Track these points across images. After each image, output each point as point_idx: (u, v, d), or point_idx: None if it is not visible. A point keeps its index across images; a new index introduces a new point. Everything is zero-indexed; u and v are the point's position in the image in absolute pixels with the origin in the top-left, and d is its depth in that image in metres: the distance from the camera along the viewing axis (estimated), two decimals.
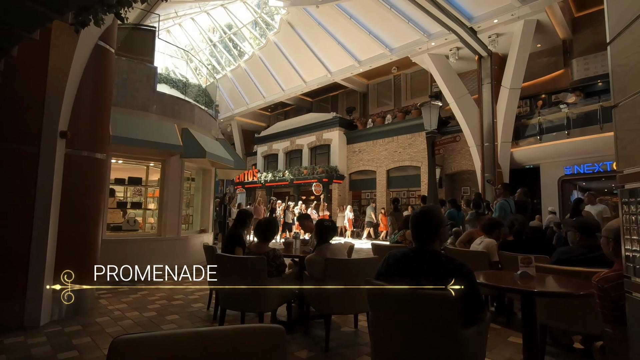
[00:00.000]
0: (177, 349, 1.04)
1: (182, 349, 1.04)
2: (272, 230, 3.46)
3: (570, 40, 12.56)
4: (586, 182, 12.25)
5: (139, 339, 1.03)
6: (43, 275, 3.60)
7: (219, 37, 20.86)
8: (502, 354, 2.94)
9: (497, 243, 3.93)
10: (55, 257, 3.80)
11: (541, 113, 11.77)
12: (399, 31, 13.28)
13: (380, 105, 18.14)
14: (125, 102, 6.05)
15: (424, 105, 8.83)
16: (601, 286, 1.68)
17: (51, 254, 3.73)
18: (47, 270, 3.66)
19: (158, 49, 7.41)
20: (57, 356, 2.82)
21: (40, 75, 3.66)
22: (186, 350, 1.04)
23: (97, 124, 4.35)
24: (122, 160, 6.70)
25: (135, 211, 7.10)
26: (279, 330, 1.16)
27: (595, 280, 1.73)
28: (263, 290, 3.14)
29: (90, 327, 3.54)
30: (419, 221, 1.91)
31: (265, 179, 19.55)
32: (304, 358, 2.86)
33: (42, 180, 3.64)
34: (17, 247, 3.50)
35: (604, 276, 1.70)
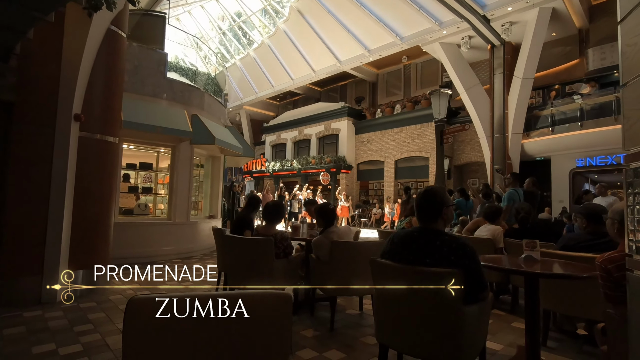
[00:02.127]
0: (189, 309, 1.10)
1: (192, 308, 1.10)
2: (279, 212, 3.53)
3: (586, 29, 12.23)
4: (598, 175, 12.05)
5: (153, 298, 1.09)
6: (59, 254, 3.74)
7: (229, 26, 20.80)
8: (505, 338, 2.98)
9: (502, 230, 3.94)
10: (70, 236, 3.93)
11: (554, 104, 11.56)
12: (409, 19, 13.09)
13: (390, 95, 17.98)
14: (136, 88, 6.13)
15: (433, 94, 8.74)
16: (605, 266, 1.70)
17: (66, 233, 3.86)
18: (63, 249, 3.80)
19: (168, 36, 7.45)
20: (74, 329, 2.94)
21: (55, 59, 3.74)
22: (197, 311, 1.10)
23: (109, 107, 4.44)
24: (133, 146, 6.81)
25: (146, 197, 7.25)
26: (286, 296, 1.21)
27: (599, 261, 1.75)
28: (270, 271, 3.21)
29: (104, 303, 3.68)
30: (422, 200, 1.94)
31: (273, 168, 19.65)
32: (309, 337, 2.93)
33: (57, 162, 3.75)
34: (35, 226, 3.62)
35: (608, 257, 1.72)
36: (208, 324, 1.11)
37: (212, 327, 1.11)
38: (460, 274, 1.68)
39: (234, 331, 1.14)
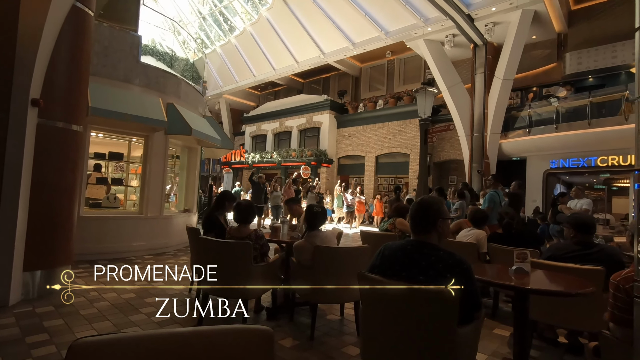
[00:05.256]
0: (150, 354, 0.90)
1: (155, 354, 0.90)
2: (253, 212, 3.33)
3: (565, 33, 12.50)
4: (569, 177, 12.47)
5: (104, 342, 0.88)
6: (12, 253, 3.40)
7: (209, 10, 19.99)
8: (488, 346, 2.93)
9: (486, 235, 3.91)
10: (27, 233, 3.58)
11: (531, 106, 11.80)
12: (395, 14, 12.96)
13: (373, 90, 17.88)
14: (106, 72, 5.69)
15: (418, 92, 8.66)
16: (622, 286, 1.61)
17: (21, 230, 3.51)
18: (17, 247, 3.45)
19: (143, 17, 6.96)
20: (25, 339, 2.65)
21: (10, 35, 3.34)
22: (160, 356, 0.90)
23: (73, 92, 4.04)
24: (102, 134, 6.36)
25: (116, 187, 6.83)
26: (266, 333, 1.03)
27: (616, 280, 1.66)
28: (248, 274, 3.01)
29: (64, 307, 3.37)
30: (416, 212, 1.80)
31: (252, 160, 19.24)
32: (288, 347, 2.77)
33: (10, 152, 3.38)
34: None
35: (625, 276, 1.64)
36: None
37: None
38: (457, 295, 1.55)
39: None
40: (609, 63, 11.40)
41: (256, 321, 3.33)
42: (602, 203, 11.74)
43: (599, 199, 11.83)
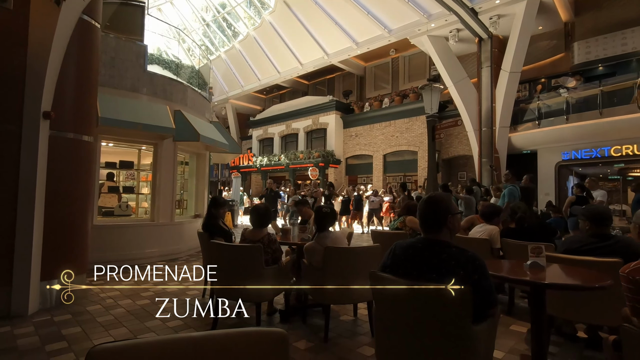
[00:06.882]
0: (166, 359, 0.91)
1: (171, 359, 0.91)
2: (269, 216, 3.35)
3: (572, 22, 12.27)
4: (582, 168, 12.22)
5: (120, 348, 0.89)
6: (30, 262, 3.46)
7: (212, 17, 20.19)
8: (505, 343, 2.88)
9: (499, 230, 3.85)
10: (43, 243, 3.65)
11: (540, 97, 11.61)
12: (398, 11, 12.90)
13: (378, 89, 17.83)
14: (114, 82, 5.78)
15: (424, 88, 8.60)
16: (632, 278, 1.57)
17: (37, 240, 3.58)
18: (34, 256, 3.52)
19: (148, 27, 7.07)
20: (45, 347, 2.70)
21: (20, 50, 3.42)
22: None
23: (83, 104, 4.12)
24: (113, 143, 6.46)
25: (128, 195, 6.93)
26: (280, 335, 1.03)
27: (625, 272, 1.62)
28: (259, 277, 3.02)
29: (81, 315, 3.43)
30: (425, 209, 1.78)
31: (260, 163, 19.34)
32: (302, 349, 2.77)
33: (25, 164, 3.45)
34: (1, 234, 3.34)
35: (635, 267, 1.59)
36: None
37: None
38: (470, 293, 1.53)
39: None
40: (619, 51, 11.14)
41: (269, 324, 3.34)
42: (617, 194, 11.47)
43: (614, 189, 11.56)
